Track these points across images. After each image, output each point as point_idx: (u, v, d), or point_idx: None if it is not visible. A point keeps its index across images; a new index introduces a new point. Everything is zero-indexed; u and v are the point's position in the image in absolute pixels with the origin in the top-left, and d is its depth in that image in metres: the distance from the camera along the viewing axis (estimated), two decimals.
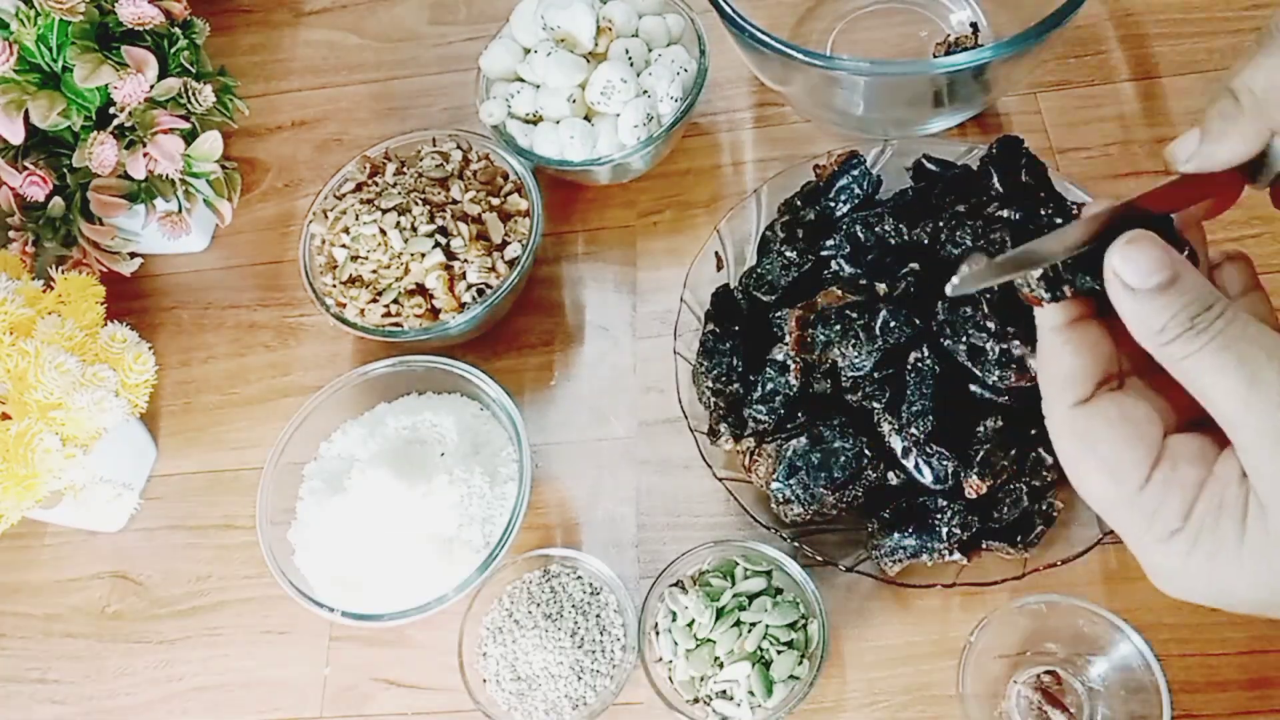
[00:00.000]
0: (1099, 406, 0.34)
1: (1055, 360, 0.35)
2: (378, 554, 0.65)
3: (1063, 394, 0.35)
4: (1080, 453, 0.34)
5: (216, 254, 0.87)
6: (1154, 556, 0.33)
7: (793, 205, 0.70)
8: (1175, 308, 0.32)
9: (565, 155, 0.75)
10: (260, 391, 0.80)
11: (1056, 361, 0.35)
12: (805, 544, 0.61)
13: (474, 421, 0.71)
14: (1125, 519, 0.34)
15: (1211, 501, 0.32)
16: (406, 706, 0.66)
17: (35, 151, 0.72)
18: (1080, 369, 0.35)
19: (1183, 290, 0.32)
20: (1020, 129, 0.77)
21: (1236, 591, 0.32)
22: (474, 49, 0.84)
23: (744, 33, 0.68)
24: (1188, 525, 0.32)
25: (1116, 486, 0.33)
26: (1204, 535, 0.32)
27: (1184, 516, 0.32)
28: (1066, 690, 0.58)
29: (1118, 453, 0.33)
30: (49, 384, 0.63)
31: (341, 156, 0.87)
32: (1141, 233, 0.33)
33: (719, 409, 0.64)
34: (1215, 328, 0.31)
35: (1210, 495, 0.32)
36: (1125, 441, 0.33)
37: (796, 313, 0.61)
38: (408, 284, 0.71)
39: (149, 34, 0.72)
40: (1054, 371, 0.35)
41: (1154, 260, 0.32)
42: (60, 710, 0.70)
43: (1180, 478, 0.33)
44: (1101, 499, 0.34)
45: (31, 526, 0.75)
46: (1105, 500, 0.34)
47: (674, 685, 0.60)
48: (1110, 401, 0.34)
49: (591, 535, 0.69)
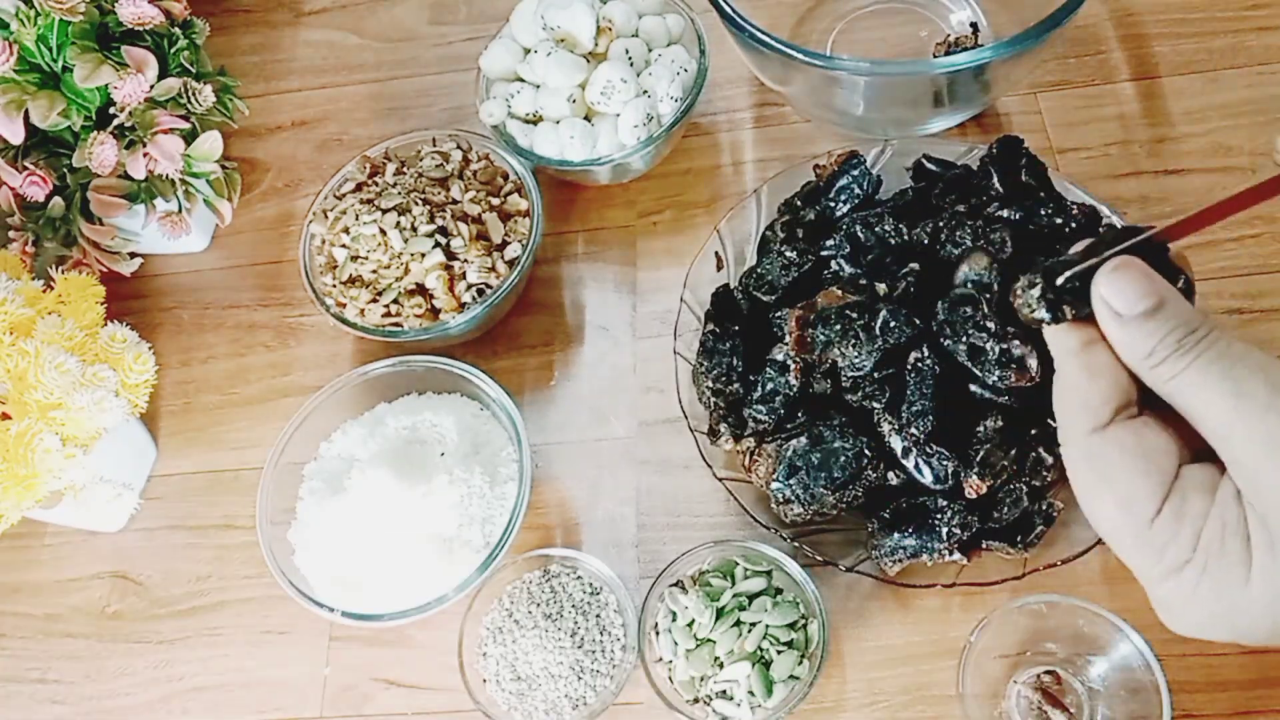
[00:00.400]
0: (1116, 434, 0.34)
1: (1073, 386, 0.35)
2: (378, 554, 0.65)
3: (1080, 420, 0.35)
4: (1095, 481, 0.34)
5: (216, 254, 0.87)
6: (1162, 590, 0.33)
7: (793, 205, 0.70)
8: (1162, 332, 0.32)
9: (565, 155, 0.75)
10: (260, 391, 0.80)
11: (1074, 387, 0.35)
12: (805, 544, 0.61)
13: (474, 421, 0.71)
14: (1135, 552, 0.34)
15: (1215, 526, 0.32)
16: (406, 706, 0.66)
17: (35, 151, 0.72)
18: (1098, 394, 0.34)
19: (1169, 316, 0.33)
20: (1020, 129, 0.77)
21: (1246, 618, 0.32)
22: (474, 49, 0.84)
23: (744, 33, 0.68)
24: (1195, 555, 0.32)
25: (1128, 518, 0.33)
26: (1211, 562, 0.32)
27: (1192, 547, 0.32)
28: (1066, 690, 0.58)
29: (1132, 483, 0.33)
30: (49, 384, 0.63)
31: (341, 156, 0.87)
32: (1127, 260, 0.33)
33: (719, 409, 0.64)
34: (1199, 348, 0.32)
35: (1214, 519, 0.32)
36: (1141, 473, 0.33)
37: (796, 313, 0.61)
38: (408, 284, 0.71)
39: (149, 34, 0.72)
40: (1071, 397, 0.35)
41: (1139, 287, 0.33)
42: (60, 710, 0.70)
43: (1189, 509, 0.33)
44: (1112, 530, 0.34)
45: (31, 526, 0.75)
46: (1116, 531, 0.34)
47: (674, 685, 0.60)
48: (1128, 430, 0.34)
49: (591, 535, 0.69)
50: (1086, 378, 0.35)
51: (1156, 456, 0.34)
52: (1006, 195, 0.64)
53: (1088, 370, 0.35)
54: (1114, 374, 0.35)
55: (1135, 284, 0.33)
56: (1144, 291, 0.33)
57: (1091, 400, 0.34)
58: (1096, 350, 0.35)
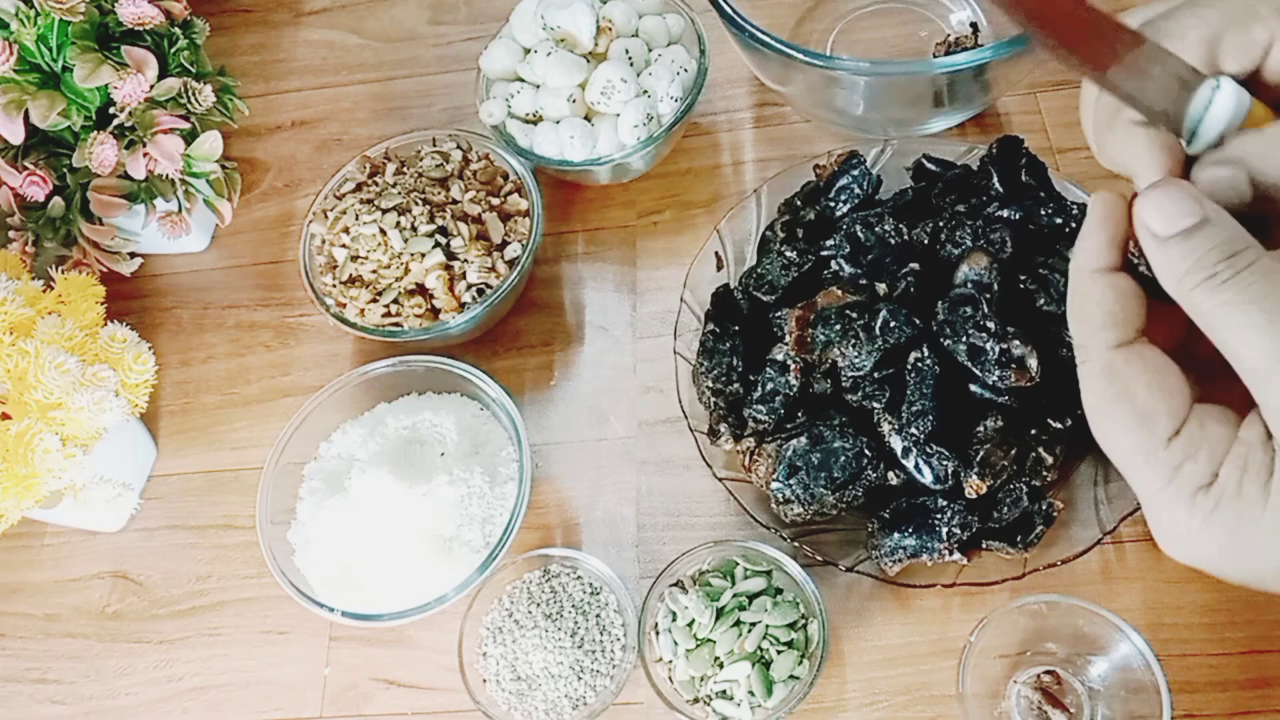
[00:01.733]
0: (1141, 351, 0.33)
1: (1094, 301, 0.33)
2: (378, 554, 0.65)
3: (1102, 334, 0.33)
4: (1115, 396, 0.33)
5: (216, 254, 0.87)
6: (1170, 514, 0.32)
7: (793, 205, 0.70)
8: (1200, 251, 0.30)
9: (565, 155, 0.75)
10: (260, 391, 0.80)
11: (1095, 302, 0.33)
12: (805, 544, 0.61)
13: (474, 421, 0.71)
14: (1146, 471, 0.32)
15: (1236, 465, 0.31)
16: (406, 706, 0.66)
17: (35, 151, 0.72)
18: (1122, 312, 0.33)
19: (1211, 234, 0.30)
20: (1020, 129, 0.77)
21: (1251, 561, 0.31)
22: (474, 49, 0.84)
23: (744, 33, 0.68)
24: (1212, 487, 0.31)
25: (1146, 435, 0.32)
26: (1225, 500, 0.31)
27: (1211, 472, 0.31)
28: (1066, 690, 0.58)
29: (1153, 399, 0.32)
30: (49, 384, 0.63)
31: (341, 156, 0.87)
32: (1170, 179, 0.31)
33: (719, 409, 0.64)
34: (1243, 277, 0.30)
35: (1235, 458, 0.31)
36: (1163, 389, 0.32)
37: (796, 313, 0.61)
38: (408, 284, 0.71)
39: (149, 34, 0.72)
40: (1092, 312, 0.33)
41: (1182, 204, 0.31)
42: (60, 710, 0.70)
43: (1209, 435, 0.31)
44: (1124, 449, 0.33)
45: (31, 526, 0.75)
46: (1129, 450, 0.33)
47: (674, 685, 0.60)
48: (1151, 350, 0.33)
49: (591, 535, 0.69)
50: (1113, 295, 0.33)
51: (1174, 378, 0.32)
52: (1006, 195, 0.64)
53: (1113, 288, 0.33)
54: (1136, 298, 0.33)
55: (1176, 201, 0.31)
56: (1187, 209, 0.31)
57: (1114, 317, 0.33)
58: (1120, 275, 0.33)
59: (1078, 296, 0.34)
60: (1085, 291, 0.34)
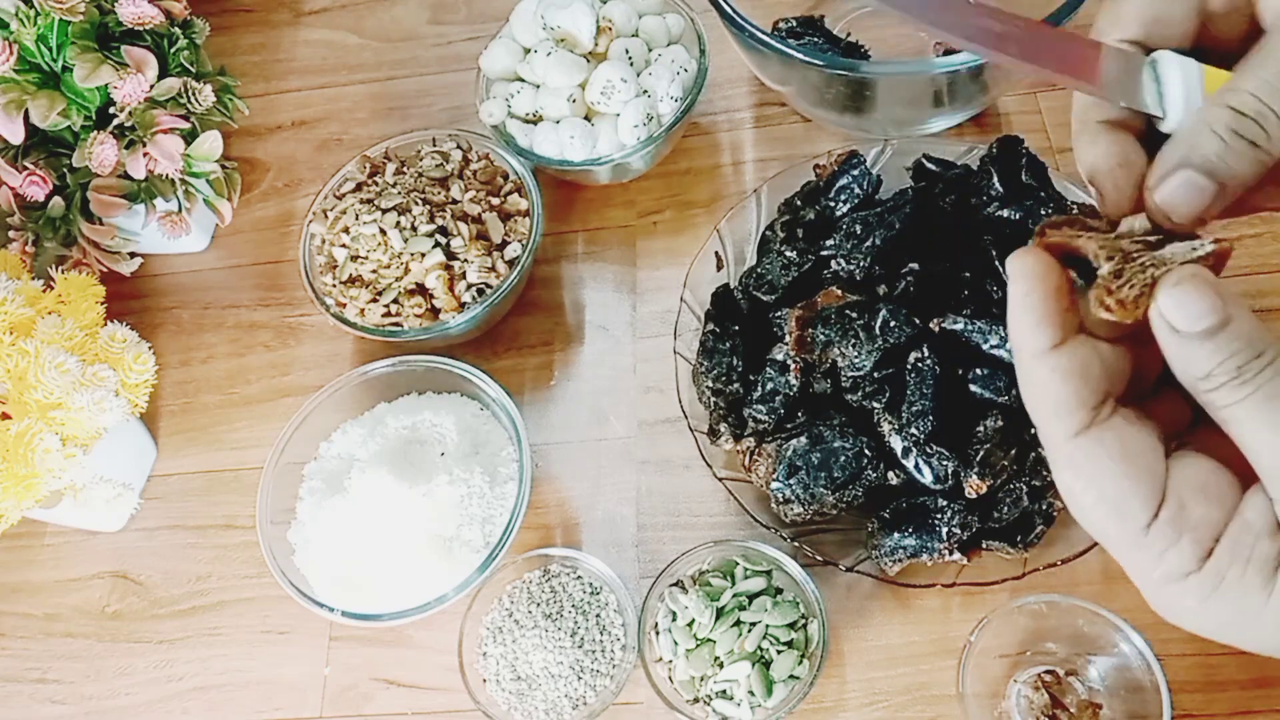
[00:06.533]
0: (1099, 437, 0.32)
1: (1043, 391, 0.32)
2: (378, 554, 0.65)
3: (1057, 425, 0.32)
4: (1083, 489, 0.32)
5: (216, 254, 0.87)
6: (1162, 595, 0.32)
7: (793, 205, 0.70)
8: (1223, 354, 0.30)
9: (565, 155, 0.75)
10: (260, 391, 0.80)
11: (1044, 392, 0.32)
12: (805, 544, 0.61)
13: (474, 421, 0.71)
14: (1131, 557, 0.32)
15: (1238, 552, 0.30)
16: (406, 706, 0.66)
17: (35, 151, 0.72)
18: (1073, 396, 0.32)
19: (1232, 336, 0.30)
20: (1020, 129, 0.77)
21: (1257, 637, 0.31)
22: (474, 49, 0.84)
23: (744, 33, 0.68)
24: (1205, 570, 0.31)
25: (1121, 524, 0.32)
26: (1228, 585, 0.30)
27: (1199, 560, 0.31)
28: (1066, 690, 0.58)
29: (1121, 490, 0.32)
30: (49, 384, 0.63)
31: (341, 156, 0.87)
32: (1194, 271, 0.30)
33: (719, 409, 0.64)
34: (1263, 378, 0.29)
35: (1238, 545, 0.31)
36: (1129, 478, 0.31)
37: (796, 313, 0.61)
38: (408, 284, 0.71)
39: (149, 34, 0.72)
40: (1044, 403, 0.32)
41: (1206, 304, 0.30)
42: (60, 710, 0.70)
43: (1189, 519, 0.31)
44: (1104, 535, 0.33)
45: (31, 526, 0.75)
46: (1109, 537, 0.33)
47: (674, 685, 0.60)
48: (1110, 432, 0.32)
49: (591, 535, 0.69)
50: (1059, 380, 0.32)
51: (1144, 458, 0.32)
52: (1006, 195, 0.64)
53: (1059, 373, 0.32)
54: (1087, 372, 0.32)
55: (1201, 299, 0.30)
56: (1210, 308, 0.30)
57: (1064, 405, 0.32)
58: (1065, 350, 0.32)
59: (1025, 384, 0.33)
60: (1030, 379, 0.33)
